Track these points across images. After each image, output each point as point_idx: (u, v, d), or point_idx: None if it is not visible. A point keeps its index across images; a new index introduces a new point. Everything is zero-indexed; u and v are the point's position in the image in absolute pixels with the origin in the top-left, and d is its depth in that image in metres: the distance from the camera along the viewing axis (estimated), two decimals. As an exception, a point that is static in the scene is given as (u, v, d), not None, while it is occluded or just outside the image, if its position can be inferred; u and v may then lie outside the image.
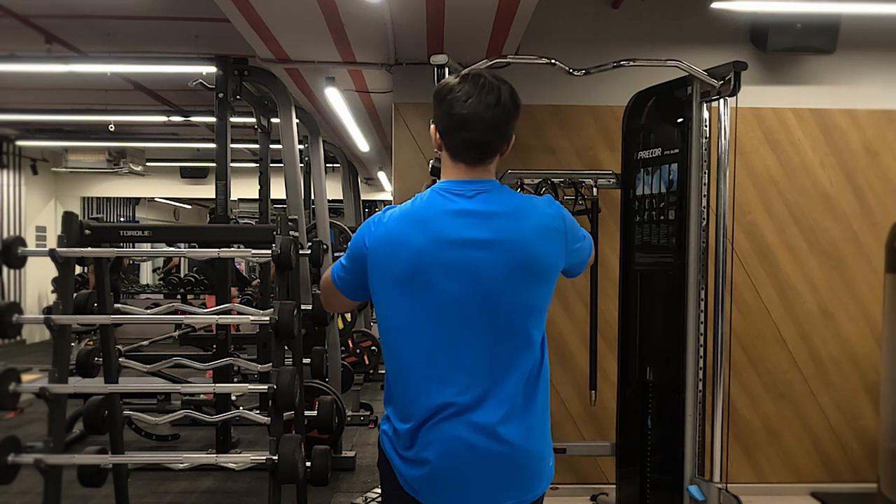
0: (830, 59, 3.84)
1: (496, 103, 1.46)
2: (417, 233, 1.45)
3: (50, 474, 2.55)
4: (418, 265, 1.44)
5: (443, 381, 1.45)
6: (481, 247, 1.44)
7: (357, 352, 5.73)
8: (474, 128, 1.46)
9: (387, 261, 1.48)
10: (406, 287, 1.46)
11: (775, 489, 3.89)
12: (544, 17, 3.62)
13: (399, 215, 1.50)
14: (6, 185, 9.88)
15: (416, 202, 1.51)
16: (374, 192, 11.73)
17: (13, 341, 9.62)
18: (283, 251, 2.71)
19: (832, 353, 3.92)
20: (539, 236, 1.48)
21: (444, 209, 1.47)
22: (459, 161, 1.51)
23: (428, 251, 1.44)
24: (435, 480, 1.44)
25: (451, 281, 1.44)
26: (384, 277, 1.49)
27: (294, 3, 3.17)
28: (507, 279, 1.45)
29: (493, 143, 1.50)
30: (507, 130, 1.50)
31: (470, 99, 1.45)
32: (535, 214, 1.49)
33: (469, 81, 1.47)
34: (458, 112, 1.46)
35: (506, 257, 1.44)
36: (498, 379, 1.45)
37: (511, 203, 1.50)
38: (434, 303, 1.45)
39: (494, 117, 1.46)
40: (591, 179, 3.52)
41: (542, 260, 1.48)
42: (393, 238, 1.48)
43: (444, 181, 1.52)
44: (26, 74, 5.73)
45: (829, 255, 3.92)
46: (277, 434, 2.60)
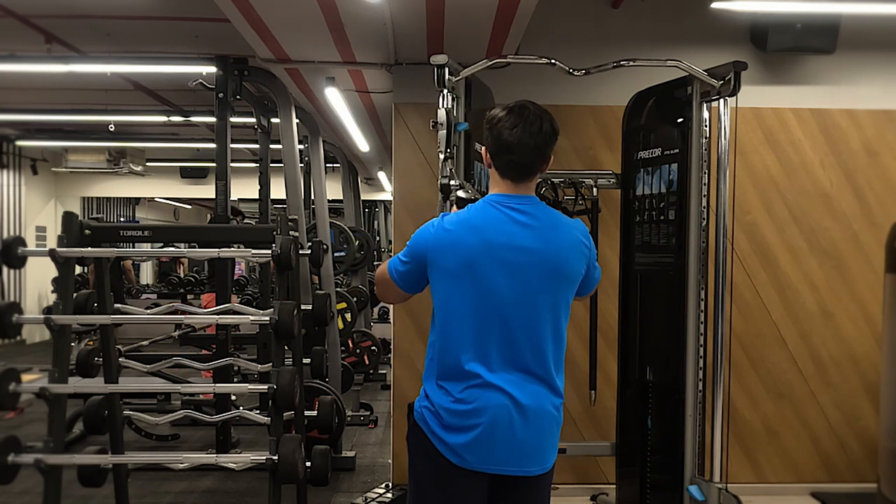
0: (830, 59, 3.84)
1: (539, 132, 1.75)
2: (471, 236, 1.76)
3: (50, 474, 2.55)
4: (471, 261, 1.74)
5: (485, 356, 1.74)
6: (524, 252, 1.75)
7: (357, 352, 5.73)
8: (519, 152, 1.76)
9: (445, 257, 1.77)
10: (460, 279, 1.75)
11: (775, 489, 3.90)
12: (544, 17, 3.62)
13: (456, 220, 1.80)
14: (6, 185, 9.88)
15: (471, 211, 1.83)
16: (374, 192, 11.72)
17: (13, 341, 9.62)
18: (283, 251, 2.71)
19: (832, 353, 3.92)
20: (570, 248, 1.80)
21: (495, 217, 1.78)
22: (507, 178, 1.81)
23: (480, 251, 1.74)
24: (480, 443, 1.71)
25: (498, 276, 1.73)
26: (442, 270, 1.77)
27: (294, 3, 3.17)
28: (544, 278, 1.76)
29: (535, 165, 1.80)
30: (546, 154, 1.80)
31: (516, 128, 1.75)
32: (568, 230, 1.82)
33: (515, 113, 1.76)
34: (506, 139, 1.76)
35: (544, 261, 1.76)
36: (535, 357, 1.76)
37: (549, 218, 1.81)
38: (483, 292, 1.74)
39: (536, 143, 1.76)
40: (591, 179, 3.52)
41: (572, 267, 1.81)
42: (452, 239, 1.77)
43: (493, 194, 1.83)
44: (26, 74, 5.73)
45: (829, 255, 3.92)
46: (277, 434, 2.60)
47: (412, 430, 1.83)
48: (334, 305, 4.90)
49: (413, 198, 3.93)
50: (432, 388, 1.79)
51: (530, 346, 1.75)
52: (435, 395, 1.78)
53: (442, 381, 1.77)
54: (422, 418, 1.80)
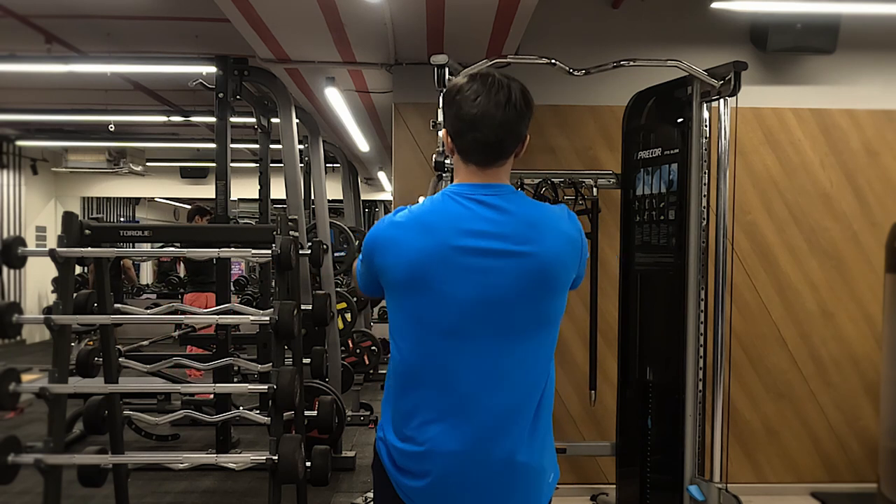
0: (830, 59, 3.84)
1: (506, 102, 1.40)
2: (420, 237, 1.40)
3: (50, 474, 2.54)
4: (418, 271, 1.39)
5: (444, 390, 1.41)
6: (492, 255, 1.38)
7: (357, 352, 5.73)
8: (485, 127, 1.40)
9: (389, 264, 1.43)
10: (406, 293, 1.42)
11: (775, 489, 3.89)
12: (544, 17, 3.62)
13: (406, 218, 1.44)
14: (6, 185, 9.88)
15: (425, 205, 1.46)
16: (374, 192, 11.73)
17: (13, 341, 9.62)
18: (283, 251, 2.71)
19: (832, 353, 3.92)
20: (556, 246, 1.42)
21: (453, 213, 1.41)
22: (471, 163, 1.46)
23: (432, 258, 1.38)
24: (433, 493, 1.41)
25: (455, 289, 1.38)
26: (386, 280, 1.46)
27: (294, 3, 3.17)
28: (519, 290, 1.39)
29: (505, 143, 1.44)
30: (518, 130, 1.44)
31: (479, 98, 1.40)
32: (552, 224, 1.44)
33: (478, 81, 1.42)
34: (468, 112, 1.41)
35: (519, 267, 1.38)
36: (505, 394, 1.40)
37: (526, 210, 1.44)
38: (438, 311, 1.39)
39: (505, 116, 1.40)
40: (591, 179, 3.52)
41: (558, 271, 1.42)
42: (396, 241, 1.43)
43: (455, 185, 1.47)
44: (26, 74, 5.73)
45: (829, 255, 3.92)
46: (277, 434, 2.60)
47: (375, 459, 1.53)
48: (334, 305, 4.89)
49: (413, 198, 3.93)
50: (386, 419, 1.49)
51: (500, 380, 1.40)
52: (387, 428, 1.48)
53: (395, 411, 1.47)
54: (379, 449, 1.51)
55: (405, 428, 1.43)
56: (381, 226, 1.48)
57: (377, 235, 1.47)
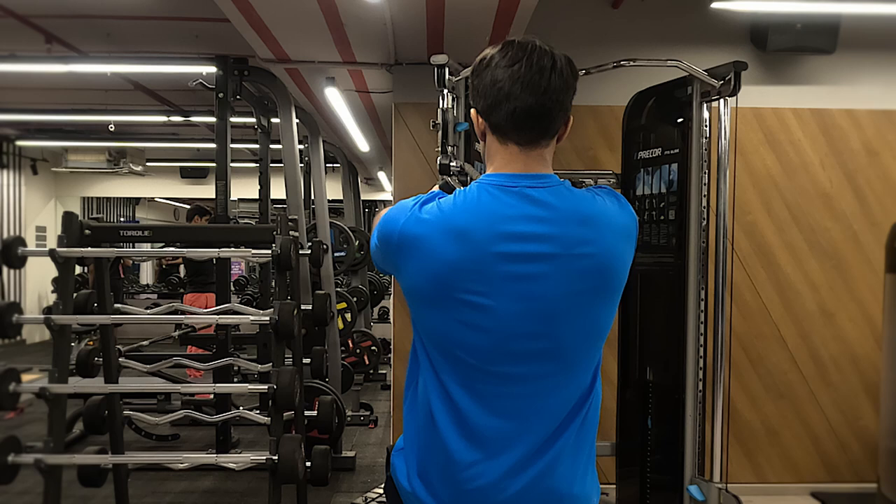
0: (830, 59, 3.84)
1: (552, 67, 1.16)
2: (452, 245, 1.14)
3: (50, 474, 2.55)
4: (447, 286, 1.15)
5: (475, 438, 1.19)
6: (540, 260, 1.14)
7: (357, 352, 5.73)
8: (527, 94, 1.14)
9: (410, 270, 1.20)
10: (435, 308, 1.19)
11: (775, 489, 3.89)
12: (544, 17, 3.62)
13: (434, 216, 1.18)
14: (6, 185, 9.88)
15: (457, 200, 1.19)
16: (374, 192, 11.73)
17: (13, 341, 9.62)
18: (283, 251, 2.71)
19: (832, 353, 3.92)
20: (615, 245, 1.20)
21: (492, 212, 1.16)
22: (510, 142, 1.19)
23: (464, 270, 1.14)
24: None
25: (496, 303, 1.15)
26: (406, 286, 1.23)
27: (294, 3, 3.17)
28: (572, 298, 1.16)
29: (553, 113, 1.18)
30: (564, 101, 1.20)
31: (518, 63, 1.14)
32: (608, 219, 1.21)
33: (515, 46, 1.17)
34: (503, 80, 1.15)
35: (572, 271, 1.15)
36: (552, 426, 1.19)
37: (578, 205, 1.19)
38: (469, 333, 1.16)
39: (551, 83, 1.15)
40: (591, 179, 3.51)
41: (618, 272, 1.21)
42: (421, 244, 1.17)
43: (491, 174, 1.21)
44: (26, 74, 5.73)
45: (829, 255, 3.92)
46: (277, 434, 2.60)
47: (388, 483, 1.36)
48: (334, 305, 4.90)
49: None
50: (412, 439, 1.29)
51: (543, 411, 1.19)
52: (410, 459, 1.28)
53: (422, 434, 1.26)
54: (398, 474, 1.32)
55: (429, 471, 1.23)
56: (403, 217, 1.21)
57: (399, 230, 1.21)
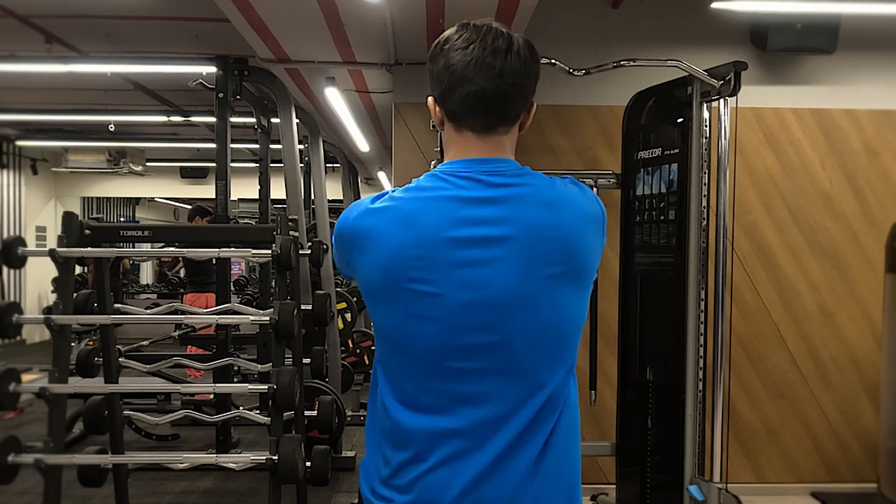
0: (830, 59, 3.84)
1: (507, 49, 1.09)
2: (400, 231, 1.08)
3: (50, 474, 2.55)
4: (396, 275, 1.08)
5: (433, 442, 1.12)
6: (494, 244, 1.07)
7: (357, 352, 5.73)
8: (481, 77, 1.08)
9: (360, 264, 1.14)
10: (383, 300, 1.12)
11: (775, 489, 3.89)
12: (544, 18, 3.62)
13: (385, 205, 1.13)
14: (6, 185, 9.88)
15: (408, 189, 1.14)
16: (374, 192, 11.73)
17: (13, 341, 9.62)
18: (283, 251, 2.71)
19: (832, 353, 3.92)
20: (578, 229, 1.12)
21: (444, 196, 1.10)
22: (465, 128, 1.13)
23: (413, 257, 1.07)
24: None
25: (444, 292, 1.07)
26: (362, 284, 1.16)
27: (294, 4, 3.17)
28: (528, 287, 1.07)
29: (509, 98, 1.11)
30: (524, 85, 1.12)
31: (472, 45, 1.09)
32: (571, 203, 1.13)
33: (470, 28, 1.11)
34: (458, 60, 1.09)
35: (532, 256, 1.07)
36: (512, 433, 1.10)
37: (538, 190, 1.12)
38: (419, 327, 1.09)
39: (507, 66, 1.09)
40: (591, 179, 3.51)
41: (583, 260, 1.12)
42: (369, 234, 1.11)
43: (446, 162, 1.16)
44: (26, 74, 5.73)
45: (829, 255, 3.92)
46: (277, 434, 2.60)
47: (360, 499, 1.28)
48: (334, 305, 4.90)
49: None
50: (371, 449, 1.24)
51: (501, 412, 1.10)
52: (372, 459, 1.24)
53: (382, 440, 1.20)
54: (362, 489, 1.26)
55: (391, 460, 1.17)
56: (355, 212, 1.16)
57: (346, 226, 1.16)
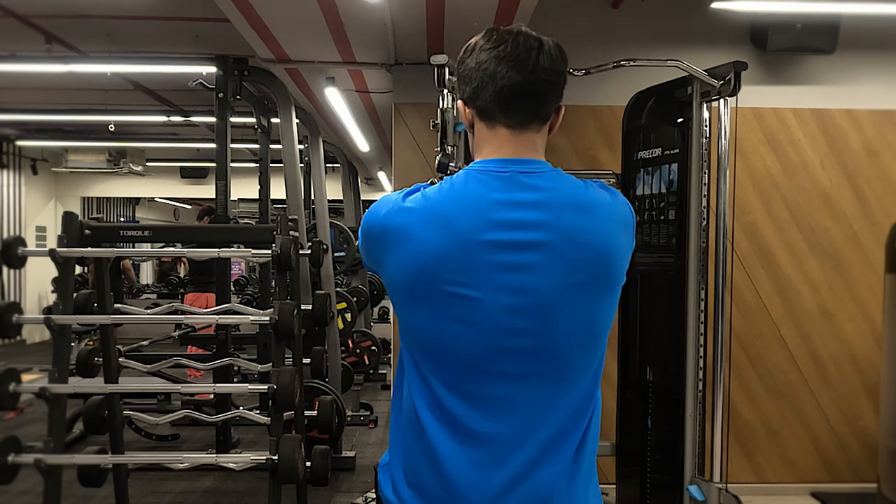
0: (830, 59, 3.84)
1: (539, 47, 1.09)
2: (435, 233, 1.07)
3: (50, 474, 2.55)
4: (431, 275, 1.07)
5: (467, 440, 1.09)
6: (534, 249, 1.06)
7: (357, 352, 5.73)
8: (515, 73, 1.08)
9: (391, 263, 1.12)
10: (415, 301, 1.11)
11: (775, 489, 3.89)
12: (544, 17, 3.62)
13: (418, 204, 1.11)
14: (6, 185, 9.88)
15: (443, 188, 1.12)
16: (374, 192, 11.73)
17: (13, 341, 9.62)
18: (283, 251, 2.71)
19: (832, 353, 3.92)
20: (612, 235, 1.13)
21: (480, 197, 1.09)
22: (499, 125, 1.12)
23: (448, 260, 1.06)
24: None
25: (484, 296, 1.06)
26: (388, 282, 1.15)
27: (294, 4, 3.17)
28: (568, 293, 1.07)
29: (543, 92, 1.11)
30: (555, 83, 1.12)
31: (503, 44, 1.09)
32: (605, 207, 1.14)
33: (498, 31, 1.12)
34: (491, 57, 1.09)
35: (570, 262, 1.07)
36: (550, 433, 1.09)
37: (573, 192, 1.13)
38: (452, 331, 1.08)
39: (539, 62, 1.08)
40: (591, 179, 3.51)
41: (616, 263, 1.13)
42: (402, 234, 1.10)
43: (480, 160, 1.14)
44: (26, 74, 5.73)
45: (829, 255, 3.92)
46: (277, 434, 2.60)
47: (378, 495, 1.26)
48: (334, 305, 4.90)
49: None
50: (396, 449, 1.19)
51: (539, 419, 1.09)
52: (396, 459, 1.19)
53: (409, 441, 1.15)
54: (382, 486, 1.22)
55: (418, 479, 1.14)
56: (385, 208, 1.15)
57: (377, 222, 1.15)
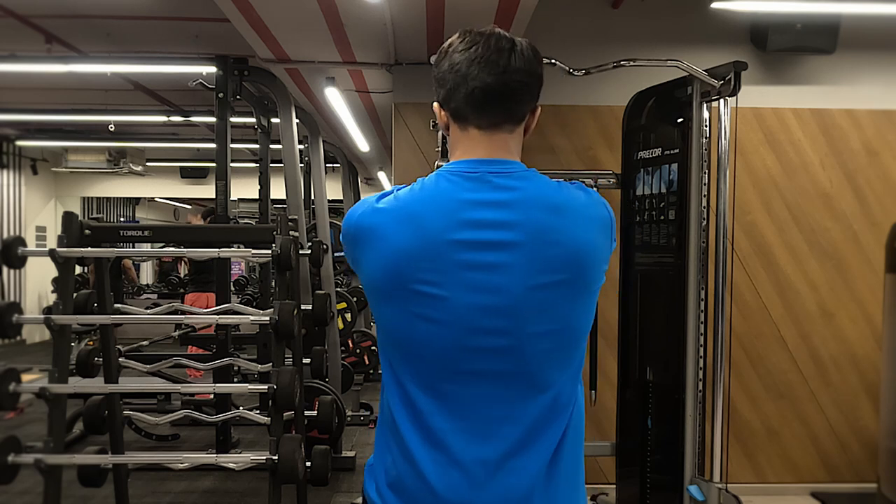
0: (830, 59, 3.84)
1: (510, 48, 1.10)
2: (405, 231, 1.08)
3: (50, 474, 2.55)
4: (401, 273, 1.08)
5: (438, 439, 1.10)
6: (503, 248, 1.06)
7: (357, 352, 5.73)
8: (485, 73, 1.09)
9: (364, 262, 1.14)
10: (387, 299, 1.12)
11: (775, 489, 3.89)
12: (544, 17, 3.62)
13: (390, 204, 1.13)
14: (6, 185, 9.87)
15: (414, 188, 1.14)
16: (374, 192, 11.75)
17: (13, 341, 9.62)
18: (283, 251, 2.71)
19: (832, 353, 3.92)
20: (586, 235, 1.11)
21: (450, 197, 1.09)
22: (471, 126, 1.13)
23: (417, 258, 1.07)
24: None
25: (452, 295, 1.07)
26: (367, 282, 1.15)
27: (294, 4, 3.17)
28: (538, 293, 1.07)
29: (515, 93, 1.12)
30: (528, 83, 1.12)
31: (476, 45, 1.10)
32: (579, 208, 1.12)
33: (472, 32, 1.12)
34: (463, 60, 1.10)
35: (540, 262, 1.07)
36: (519, 433, 1.10)
37: (545, 192, 1.11)
38: (421, 330, 1.09)
39: (511, 63, 1.09)
40: (591, 179, 3.51)
41: (589, 264, 1.11)
42: (374, 233, 1.11)
43: (451, 162, 1.16)
44: (26, 74, 5.73)
45: (829, 255, 3.92)
46: (277, 434, 2.60)
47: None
48: (334, 305, 4.90)
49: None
50: (380, 450, 1.22)
51: (506, 419, 1.10)
52: (380, 459, 1.22)
53: (389, 441, 1.19)
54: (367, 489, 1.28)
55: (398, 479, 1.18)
56: (360, 209, 1.17)
57: (354, 223, 1.16)
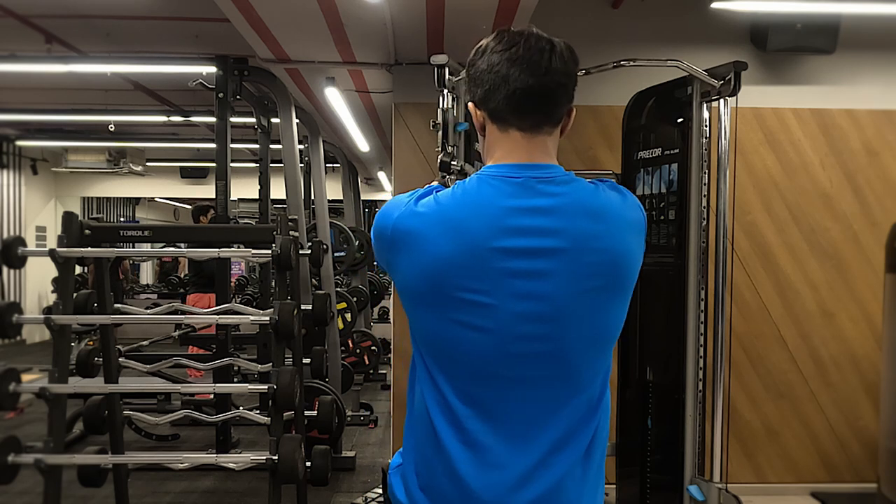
0: (830, 59, 3.84)
1: (550, 49, 1.08)
2: (447, 239, 1.07)
3: (50, 474, 2.55)
4: (443, 281, 1.07)
5: (477, 442, 1.10)
6: (548, 255, 1.06)
7: (357, 352, 5.73)
8: (528, 75, 1.07)
9: (403, 266, 1.12)
10: (427, 305, 1.11)
11: (775, 489, 3.89)
12: (544, 17, 3.62)
13: (430, 209, 1.10)
14: (6, 185, 9.88)
15: (455, 192, 1.11)
16: (374, 192, 11.72)
17: (13, 341, 9.62)
18: (283, 251, 2.71)
19: (832, 353, 3.92)
20: (625, 240, 1.12)
21: (493, 204, 1.08)
22: (511, 128, 1.12)
23: (460, 266, 1.06)
24: None
25: (499, 303, 1.06)
26: (403, 286, 1.15)
27: (294, 4, 3.17)
28: (581, 298, 1.07)
29: (556, 94, 1.11)
30: (567, 85, 1.12)
31: (515, 46, 1.08)
32: (618, 212, 1.13)
33: (509, 33, 1.11)
34: (503, 61, 1.08)
35: (583, 269, 1.07)
36: (557, 436, 1.10)
37: (586, 198, 1.11)
38: (471, 330, 1.08)
39: (552, 63, 1.08)
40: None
41: (629, 269, 1.13)
42: (414, 238, 1.10)
43: (492, 165, 1.13)
44: (26, 74, 5.73)
45: (829, 255, 3.92)
46: (277, 434, 2.61)
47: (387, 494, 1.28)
48: (334, 305, 4.90)
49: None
50: (409, 452, 1.21)
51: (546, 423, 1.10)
52: (410, 461, 1.20)
53: (422, 443, 1.16)
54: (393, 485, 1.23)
55: (431, 481, 1.15)
56: (397, 211, 1.14)
57: (392, 225, 1.13)
